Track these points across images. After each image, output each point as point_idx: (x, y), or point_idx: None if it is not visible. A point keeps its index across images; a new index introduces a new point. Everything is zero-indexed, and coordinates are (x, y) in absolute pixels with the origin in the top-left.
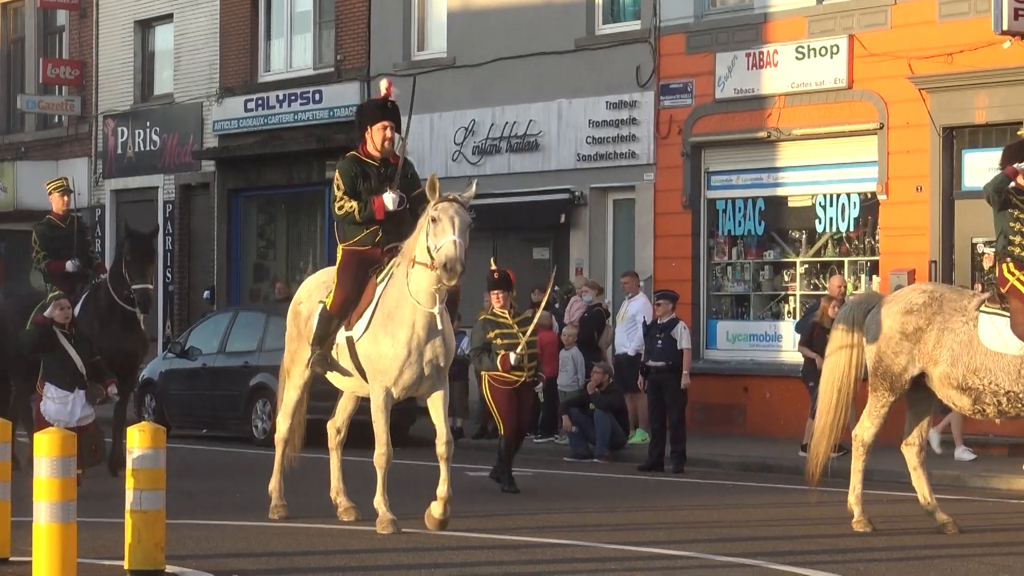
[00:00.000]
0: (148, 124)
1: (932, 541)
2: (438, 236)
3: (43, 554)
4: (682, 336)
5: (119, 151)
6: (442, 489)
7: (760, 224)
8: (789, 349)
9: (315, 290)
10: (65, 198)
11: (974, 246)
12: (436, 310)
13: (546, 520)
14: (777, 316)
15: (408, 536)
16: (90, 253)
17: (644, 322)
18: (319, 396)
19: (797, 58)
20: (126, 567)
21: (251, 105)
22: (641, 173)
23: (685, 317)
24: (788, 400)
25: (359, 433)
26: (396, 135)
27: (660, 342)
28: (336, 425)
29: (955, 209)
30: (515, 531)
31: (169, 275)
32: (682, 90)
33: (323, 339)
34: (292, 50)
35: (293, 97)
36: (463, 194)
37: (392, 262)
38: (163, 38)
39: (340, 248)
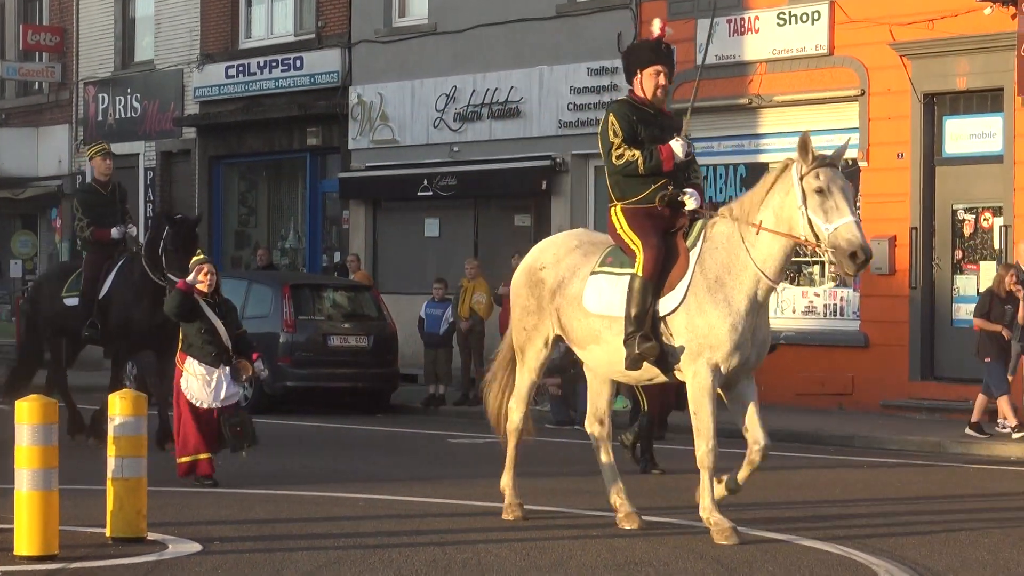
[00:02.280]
0: (129, 91)
1: (913, 507)
2: (829, 213)
3: (24, 522)
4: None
5: (100, 118)
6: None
7: (741, 190)
8: (770, 315)
9: (566, 255)
10: (107, 161)
11: (955, 212)
12: (779, 287)
13: (529, 487)
14: None
15: (389, 503)
16: (127, 220)
17: None
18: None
19: (778, 24)
20: (108, 534)
21: (232, 72)
22: None
23: None
24: (769, 367)
25: (318, 398)
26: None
27: None
28: (598, 416)
29: (936, 175)
30: (497, 498)
31: None
32: None
33: (642, 318)
34: (273, 16)
35: (274, 64)
36: (837, 154)
37: (700, 223)
38: (143, 4)
39: (616, 207)
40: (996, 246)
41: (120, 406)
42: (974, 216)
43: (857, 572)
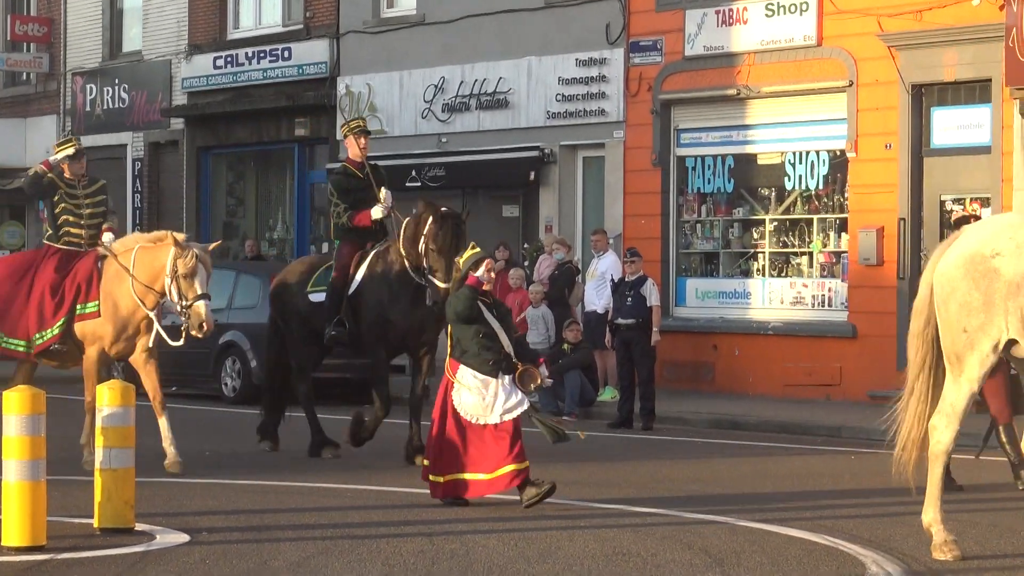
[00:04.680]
0: (117, 81)
1: (900, 498)
2: None
3: (13, 512)
4: (651, 293)
5: (88, 108)
6: None
7: (729, 181)
8: (758, 306)
9: None
10: (362, 141)
11: (943, 203)
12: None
13: None
14: (746, 274)
15: (378, 494)
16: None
17: (613, 280)
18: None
19: (767, 15)
20: (96, 525)
21: (220, 62)
22: (611, 130)
23: (654, 275)
24: (757, 358)
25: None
26: None
27: (630, 299)
28: None
29: (924, 166)
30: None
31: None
32: (652, 47)
33: None
34: (261, 7)
35: (262, 54)
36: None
37: None
38: None
39: None
40: None
41: (108, 397)
42: (962, 207)
43: (845, 562)
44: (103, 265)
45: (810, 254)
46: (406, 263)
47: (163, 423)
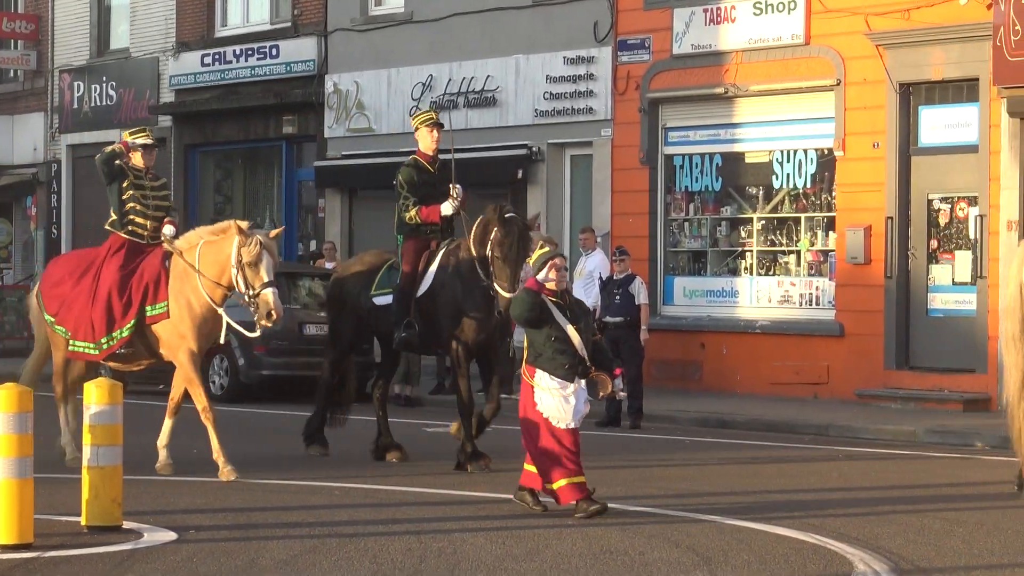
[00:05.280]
0: (104, 79)
1: (888, 496)
2: None
3: (0, 510)
4: (639, 292)
5: (75, 106)
6: None
7: (717, 180)
8: (746, 305)
9: None
10: (435, 133)
11: (930, 202)
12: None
13: (503, 476)
14: (734, 272)
15: (365, 492)
16: (454, 198)
17: (601, 278)
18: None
19: (755, 14)
20: (83, 523)
21: (208, 60)
22: (599, 129)
23: (642, 273)
24: (745, 356)
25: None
26: None
27: (618, 298)
28: None
29: (911, 165)
30: (472, 487)
31: None
32: (639, 46)
33: None
34: (249, 5)
35: (250, 52)
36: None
37: None
38: None
39: None
40: (971, 236)
41: (96, 395)
42: (949, 206)
43: (832, 561)
44: (170, 264)
45: (798, 253)
46: (476, 264)
47: (211, 433)
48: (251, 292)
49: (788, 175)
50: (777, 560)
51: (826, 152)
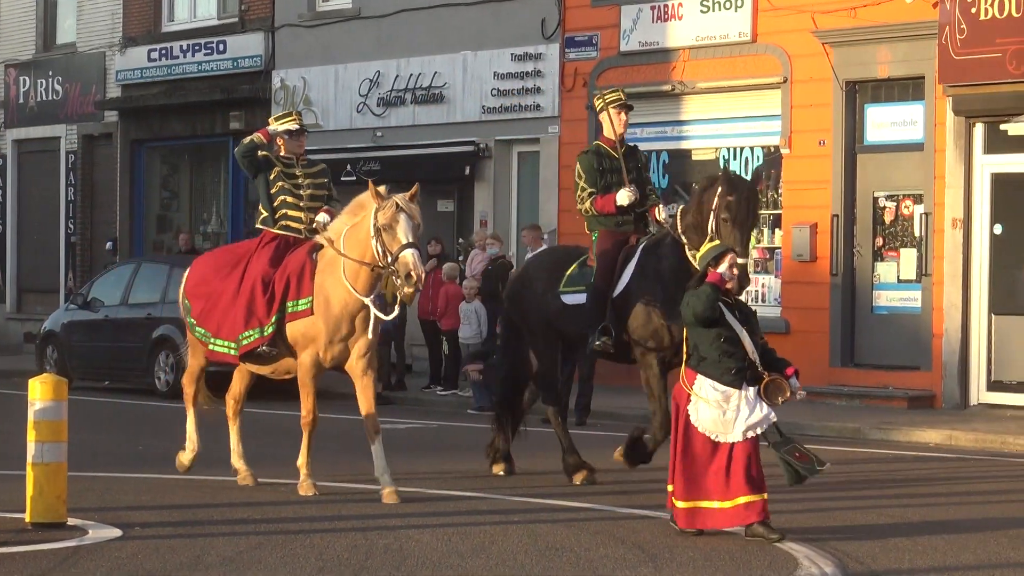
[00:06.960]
0: (50, 73)
1: (831, 493)
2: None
3: None
4: None
5: (21, 100)
6: None
7: (664, 177)
8: None
9: None
10: (623, 116)
11: (876, 200)
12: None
13: (450, 473)
14: None
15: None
16: (648, 189)
17: None
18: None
19: (702, 11)
20: (27, 520)
21: (155, 55)
22: (546, 126)
23: None
24: None
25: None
26: None
27: None
28: None
29: (857, 163)
30: (419, 483)
31: (71, 226)
32: (587, 43)
33: None
34: (196, 0)
35: (197, 47)
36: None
37: None
38: None
39: None
40: (916, 233)
41: (40, 391)
42: (895, 203)
43: (777, 558)
44: (317, 256)
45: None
46: (687, 254)
47: (376, 449)
48: (389, 258)
49: (735, 172)
50: (722, 557)
51: (772, 150)
